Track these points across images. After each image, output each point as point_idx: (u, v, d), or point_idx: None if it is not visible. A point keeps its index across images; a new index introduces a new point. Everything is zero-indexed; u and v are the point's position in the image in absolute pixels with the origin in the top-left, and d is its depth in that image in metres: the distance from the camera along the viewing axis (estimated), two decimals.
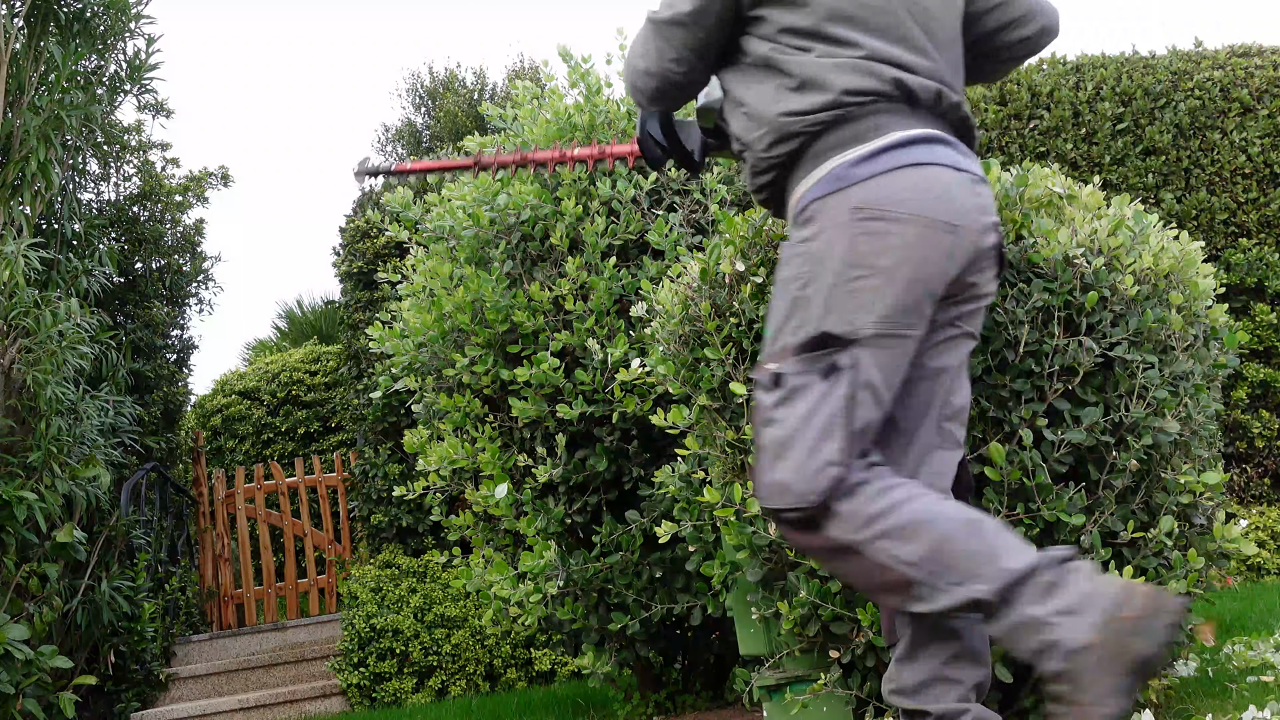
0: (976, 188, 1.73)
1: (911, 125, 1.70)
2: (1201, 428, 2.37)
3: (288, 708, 5.57)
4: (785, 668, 2.50)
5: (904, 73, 1.72)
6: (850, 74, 1.70)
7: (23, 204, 4.61)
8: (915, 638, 1.71)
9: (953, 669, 1.67)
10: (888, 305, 1.62)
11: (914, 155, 1.67)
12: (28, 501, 3.70)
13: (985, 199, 1.74)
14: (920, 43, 1.76)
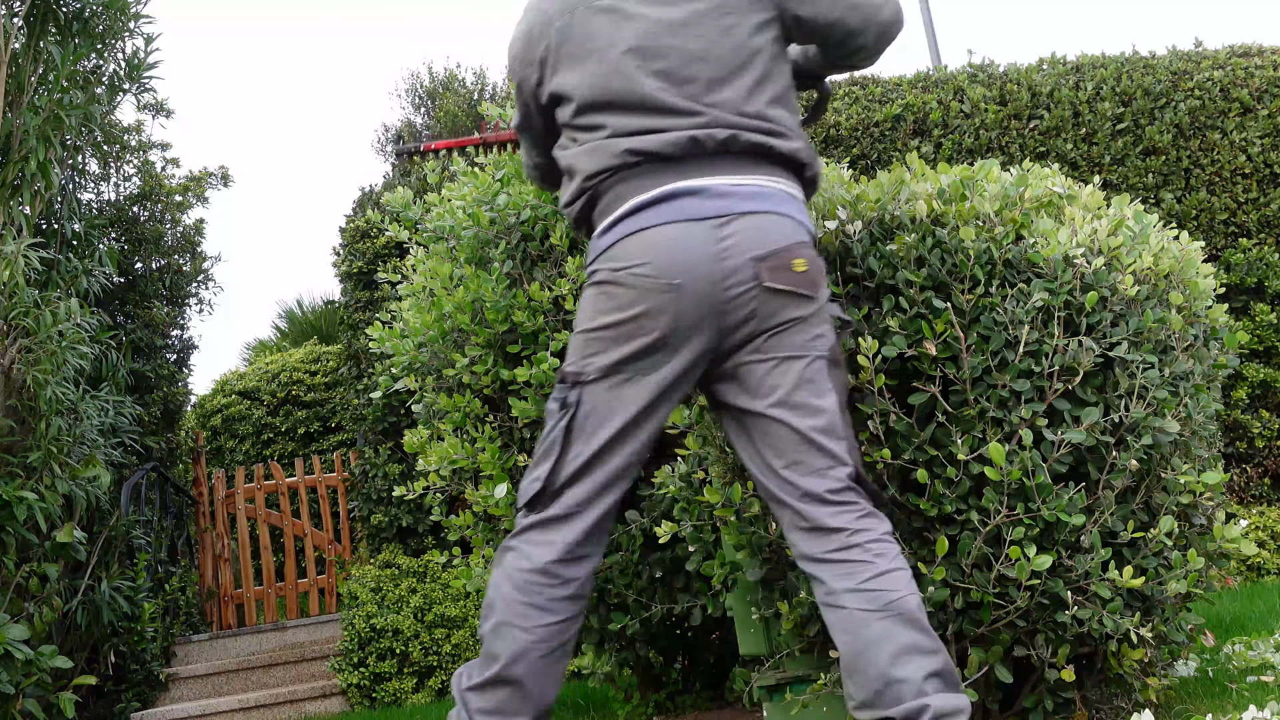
0: (720, 231, 1.80)
1: (655, 186, 1.84)
2: (1201, 428, 2.37)
3: (288, 708, 5.57)
4: (785, 668, 2.50)
5: (642, 138, 1.85)
6: (592, 156, 1.90)
7: (23, 204, 4.61)
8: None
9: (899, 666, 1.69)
10: (612, 357, 1.83)
11: (642, 220, 1.83)
12: (28, 501, 3.70)
13: (730, 240, 1.80)
14: (667, 101, 1.86)
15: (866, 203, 2.29)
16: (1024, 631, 2.20)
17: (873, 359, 2.12)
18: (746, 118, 1.88)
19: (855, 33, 1.98)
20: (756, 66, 1.92)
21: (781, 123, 1.91)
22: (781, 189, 1.88)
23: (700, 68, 1.89)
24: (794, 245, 1.82)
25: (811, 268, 1.84)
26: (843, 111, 6.09)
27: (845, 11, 1.97)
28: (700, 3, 1.92)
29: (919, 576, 2.17)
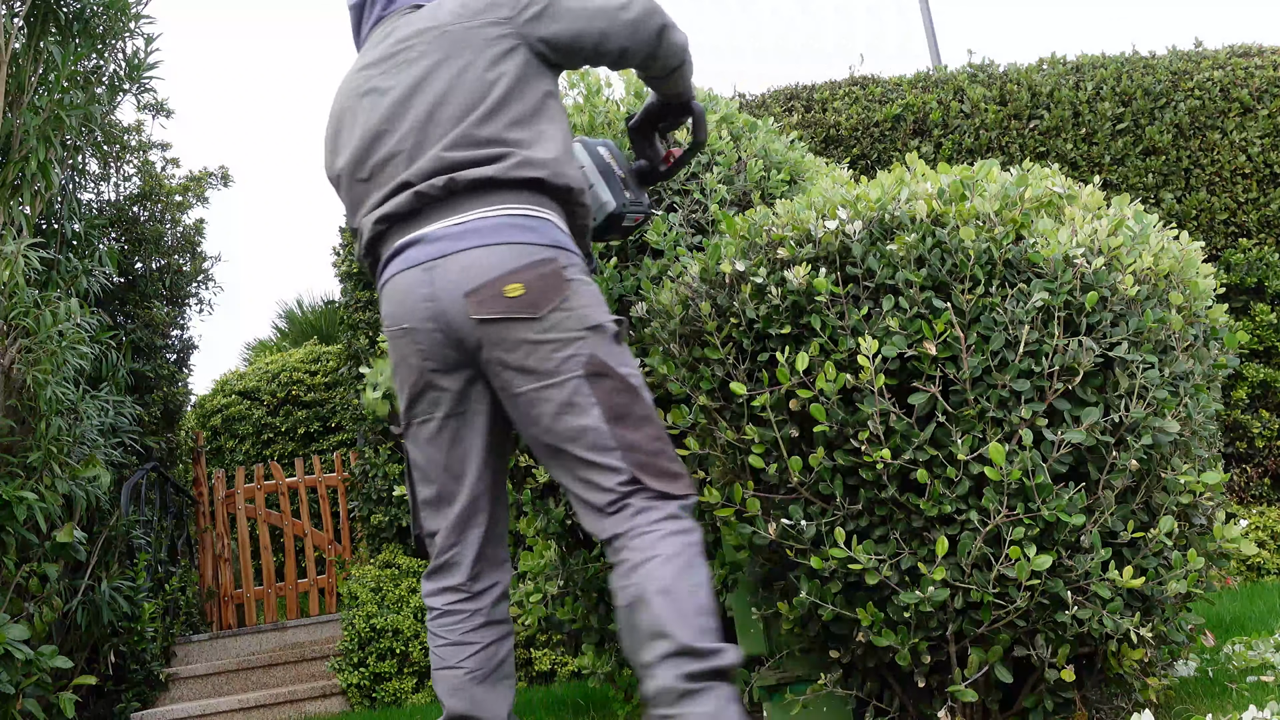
0: (428, 275, 1.92)
1: (394, 242, 2.00)
2: (1201, 428, 2.37)
3: (288, 708, 5.57)
4: (785, 668, 2.50)
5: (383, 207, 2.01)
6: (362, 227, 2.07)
7: (23, 204, 4.61)
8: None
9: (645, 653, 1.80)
10: (404, 405, 2.00)
11: (386, 274, 2.00)
12: (28, 501, 3.70)
13: (437, 282, 1.91)
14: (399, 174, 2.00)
15: (866, 203, 2.29)
16: (1024, 631, 2.20)
17: (873, 359, 2.12)
18: (475, 149, 1.96)
19: (606, 38, 2.03)
20: (494, 94, 2.00)
21: (522, 144, 1.97)
22: (505, 217, 1.93)
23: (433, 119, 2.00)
24: (506, 274, 1.88)
25: (531, 288, 1.87)
26: (843, 111, 6.09)
27: (585, 24, 2.03)
28: (434, 54, 2.03)
29: (919, 577, 2.17)
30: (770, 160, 3.35)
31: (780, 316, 2.26)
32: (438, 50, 2.05)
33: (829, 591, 2.24)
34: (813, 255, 2.28)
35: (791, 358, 2.21)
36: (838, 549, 2.16)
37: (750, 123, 3.40)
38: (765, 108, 6.18)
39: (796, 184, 3.37)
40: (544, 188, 1.99)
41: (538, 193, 1.98)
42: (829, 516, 2.23)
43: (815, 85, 6.35)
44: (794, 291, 2.24)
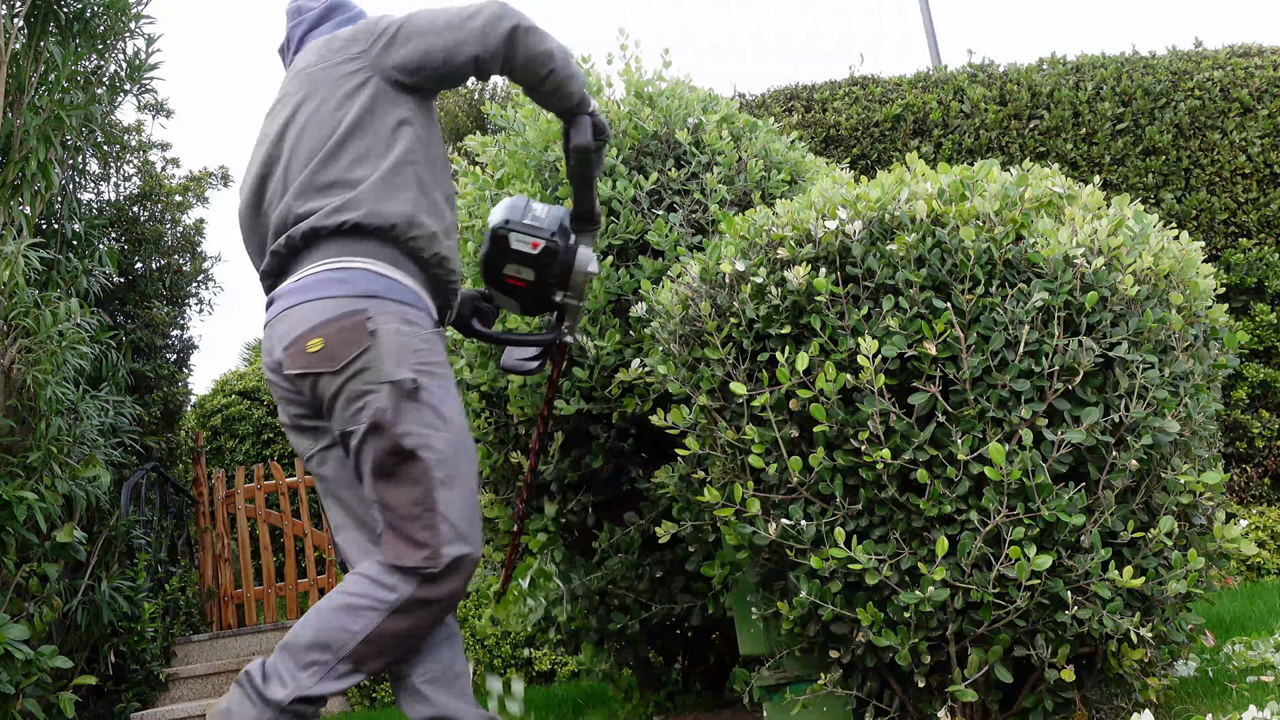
0: (269, 332, 2.03)
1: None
2: (1201, 428, 2.37)
3: None
4: (785, 668, 2.50)
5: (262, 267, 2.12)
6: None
7: (23, 204, 4.61)
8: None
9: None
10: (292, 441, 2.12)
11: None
12: (28, 501, 3.70)
13: (272, 338, 2.02)
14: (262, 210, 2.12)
15: (866, 203, 2.29)
16: (1024, 631, 2.20)
17: (873, 359, 2.12)
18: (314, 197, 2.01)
19: (457, 48, 2.02)
20: (339, 132, 2.03)
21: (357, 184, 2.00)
22: (323, 272, 1.98)
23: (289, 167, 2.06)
24: (309, 329, 1.94)
25: (330, 342, 1.91)
26: (843, 112, 6.09)
27: (433, 39, 2.03)
28: (297, 96, 2.08)
29: (919, 577, 2.17)
30: (771, 160, 3.35)
31: (780, 316, 2.26)
32: (300, 92, 2.09)
33: (829, 591, 2.24)
34: (813, 255, 2.28)
35: (791, 358, 2.21)
36: (838, 549, 2.16)
37: (751, 123, 3.41)
38: (765, 108, 6.18)
39: (797, 184, 3.37)
40: (361, 231, 1.98)
41: (355, 238, 1.99)
42: (829, 516, 2.23)
43: (815, 85, 6.35)
44: (794, 291, 2.24)
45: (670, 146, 3.29)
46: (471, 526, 1.93)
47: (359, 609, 1.86)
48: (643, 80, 3.38)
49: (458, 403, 2.00)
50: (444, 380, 1.98)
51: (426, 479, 1.88)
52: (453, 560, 1.88)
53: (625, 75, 3.40)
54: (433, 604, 1.90)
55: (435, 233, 2.03)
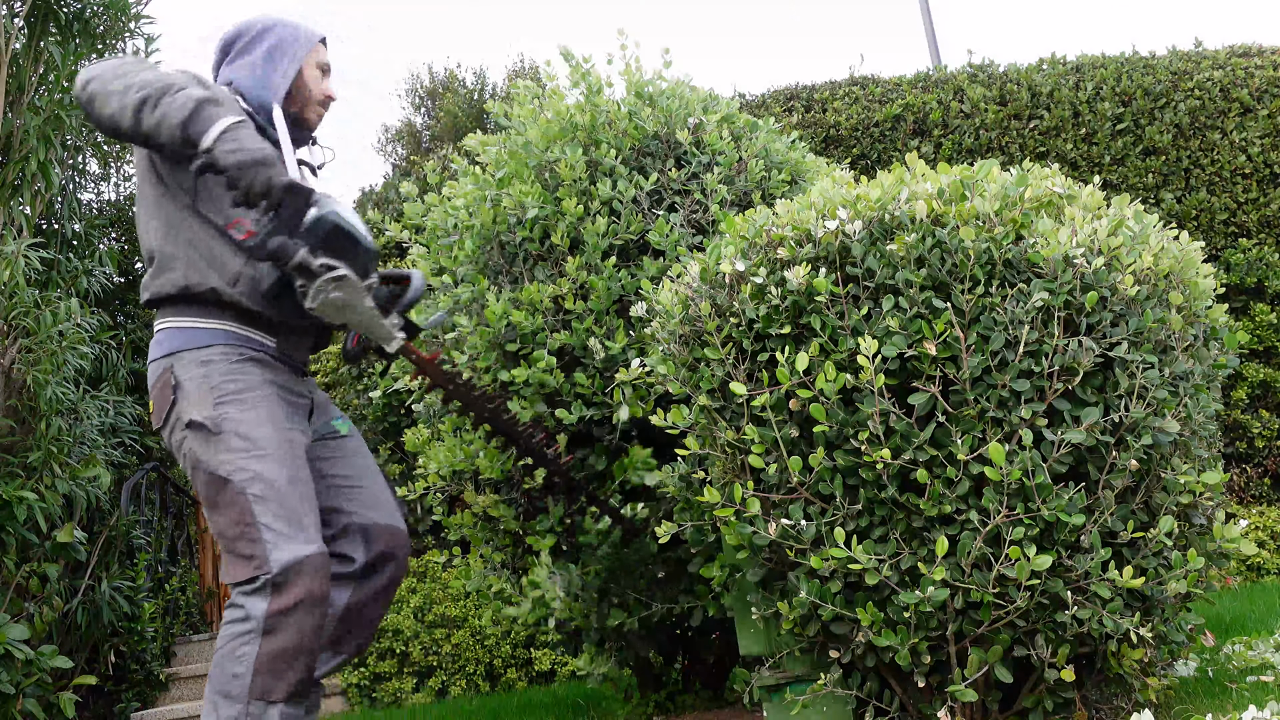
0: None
1: None
2: (1201, 428, 2.37)
3: None
4: (785, 668, 2.50)
5: None
6: None
7: (23, 204, 4.61)
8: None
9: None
10: None
11: None
12: (28, 501, 3.70)
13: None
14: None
15: (866, 203, 2.29)
16: (1024, 631, 2.20)
17: (873, 359, 2.12)
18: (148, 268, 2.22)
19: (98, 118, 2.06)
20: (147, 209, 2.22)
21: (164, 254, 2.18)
22: (156, 336, 2.22)
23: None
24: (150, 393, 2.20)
25: (154, 402, 2.17)
26: (843, 111, 6.09)
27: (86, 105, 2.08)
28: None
29: (919, 577, 2.17)
30: (771, 160, 3.35)
31: (780, 316, 2.26)
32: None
33: (829, 591, 2.24)
34: (813, 255, 2.28)
35: (791, 358, 2.21)
36: (838, 549, 2.16)
37: (751, 123, 3.41)
38: (765, 108, 6.18)
39: (797, 184, 3.37)
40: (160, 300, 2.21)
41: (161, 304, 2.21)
42: (829, 516, 2.23)
43: (815, 85, 6.35)
44: (794, 291, 2.24)
45: (671, 146, 3.29)
46: (299, 527, 2.01)
47: (233, 653, 1.98)
48: (643, 80, 3.38)
49: (267, 416, 2.11)
50: (248, 401, 2.10)
51: (242, 498, 2.01)
52: (286, 564, 1.97)
53: (625, 75, 3.40)
54: (294, 611, 1.97)
55: (215, 287, 2.14)
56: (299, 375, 2.30)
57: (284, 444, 2.10)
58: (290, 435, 2.13)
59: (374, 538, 2.27)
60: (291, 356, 2.27)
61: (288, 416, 2.17)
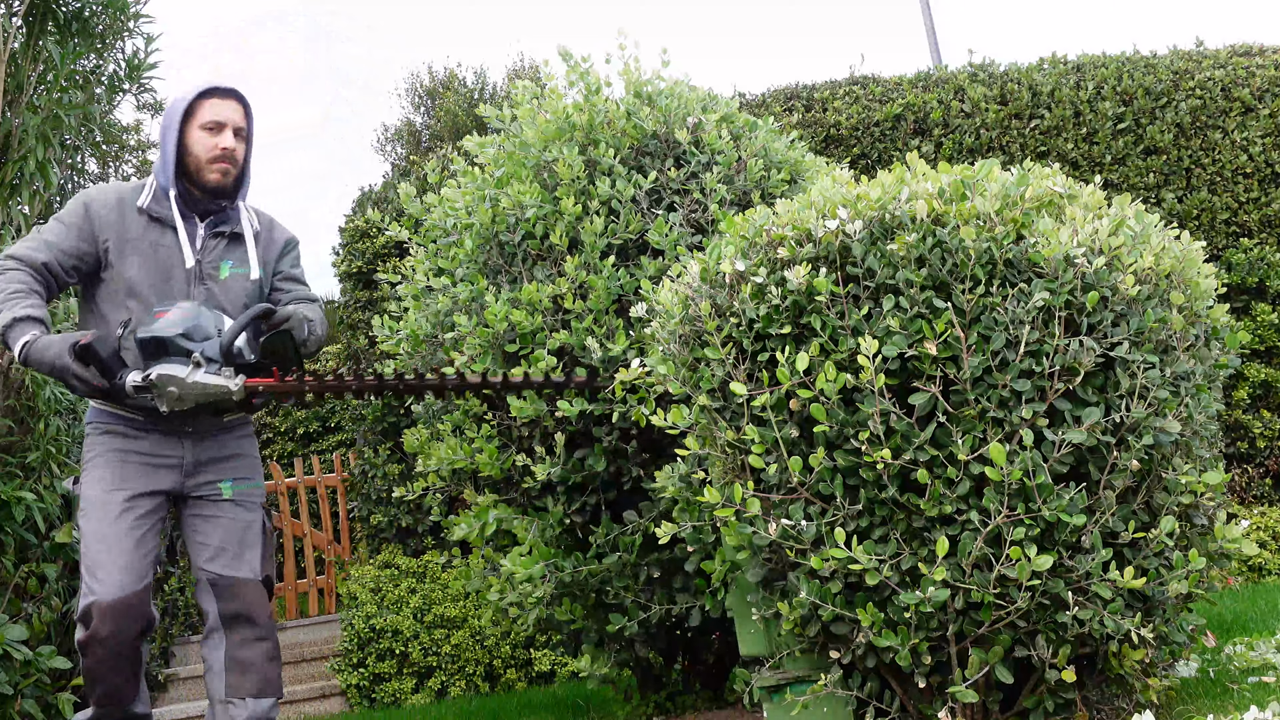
0: None
1: None
2: (1203, 428, 2.37)
3: (287, 708, 5.56)
4: (785, 668, 2.49)
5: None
6: None
7: (21, 204, 4.60)
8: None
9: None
10: None
11: None
12: (26, 502, 3.69)
13: None
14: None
15: (867, 202, 2.29)
16: (1024, 632, 2.19)
17: (873, 359, 2.12)
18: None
19: None
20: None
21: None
22: None
23: None
24: None
25: None
26: (843, 111, 6.08)
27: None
28: None
29: (919, 577, 2.17)
30: (770, 160, 3.35)
31: (780, 316, 2.26)
32: None
33: (829, 592, 2.23)
34: (813, 255, 2.27)
35: (792, 358, 2.20)
36: (838, 549, 2.15)
37: (750, 122, 3.40)
38: (765, 107, 6.18)
39: (797, 184, 3.36)
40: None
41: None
42: (829, 517, 2.23)
43: (815, 85, 6.35)
44: (794, 291, 2.23)
45: (670, 146, 3.28)
46: (95, 579, 2.41)
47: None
48: (642, 80, 3.38)
49: (97, 479, 2.49)
50: (89, 468, 2.53)
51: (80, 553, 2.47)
52: (84, 607, 2.41)
53: (624, 75, 3.39)
54: (89, 644, 2.41)
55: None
56: (177, 439, 2.56)
57: (101, 505, 2.47)
58: (112, 496, 2.47)
59: (223, 592, 2.54)
60: (171, 423, 2.53)
61: (122, 477, 2.49)
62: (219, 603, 2.54)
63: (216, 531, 2.57)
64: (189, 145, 2.55)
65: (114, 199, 2.55)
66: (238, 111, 2.60)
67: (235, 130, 2.58)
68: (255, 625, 2.53)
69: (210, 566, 2.55)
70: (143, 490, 2.50)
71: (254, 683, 2.49)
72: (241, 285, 2.61)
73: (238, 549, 2.57)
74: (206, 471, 2.58)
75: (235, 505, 2.60)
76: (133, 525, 2.47)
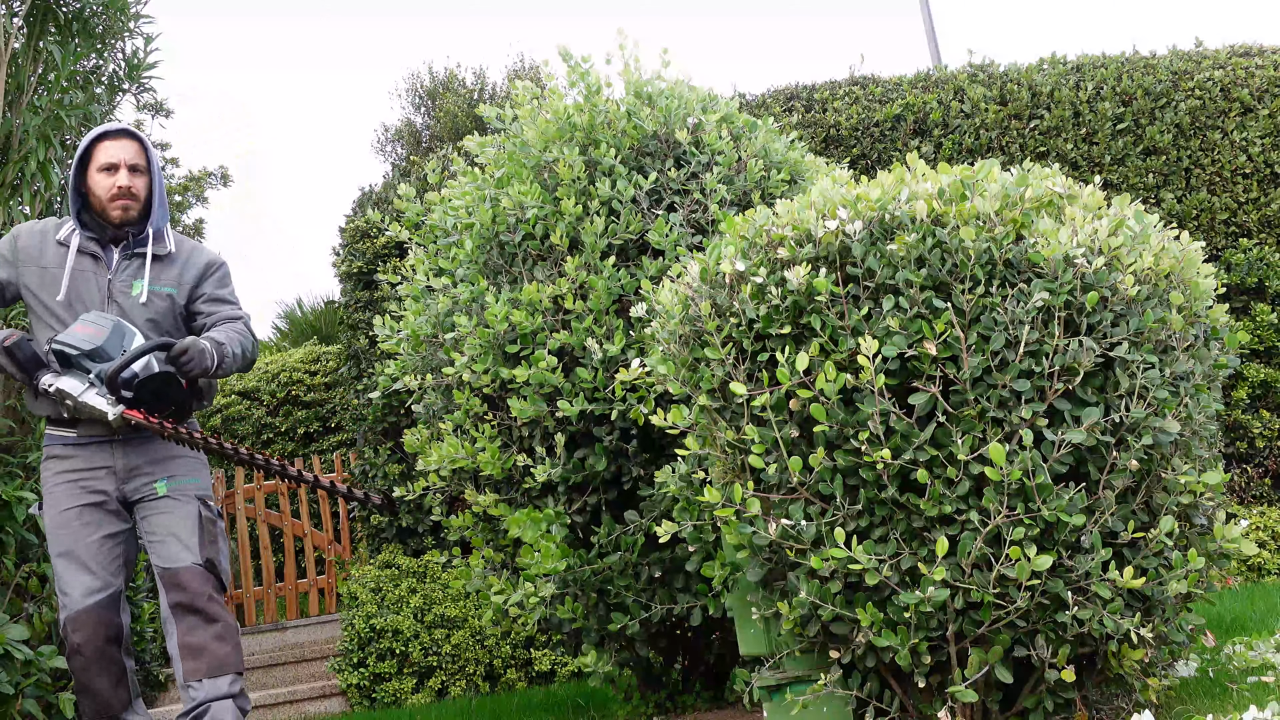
0: None
1: None
2: (1202, 428, 2.37)
3: (288, 708, 5.57)
4: (785, 668, 2.49)
5: None
6: None
7: (22, 204, 4.60)
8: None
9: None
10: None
11: None
12: (27, 501, 3.70)
13: None
14: None
15: (867, 203, 2.29)
16: (1024, 632, 2.19)
17: (873, 359, 2.12)
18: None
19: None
20: None
21: None
22: None
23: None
24: None
25: None
26: (843, 111, 6.09)
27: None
28: None
29: (919, 577, 2.17)
30: (770, 160, 3.35)
31: (780, 316, 2.26)
32: None
33: (829, 592, 2.24)
34: (813, 255, 2.27)
35: (791, 358, 2.21)
36: (838, 549, 2.15)
37: (750, 123, 3.40)
38: (765, 108, 6.18)
39: (796, 184, 3.37)
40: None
41: None
42: (829, 517, 2.23)
43: (815, 85, 6.35)
44: (794, 291, 2.23)
45: (670, 146, 3.29)
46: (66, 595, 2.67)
47: None
48: (642, 80, 3.38)
49: (53, 503, 2.72)
50: (46, 492, 2.76)
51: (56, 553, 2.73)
52: (61, 624, 2.68)
53: (624, 75, 3.40)
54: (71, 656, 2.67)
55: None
56: (108, 448, 2.74)
57: (56, 526, 2.72)
58: (64, 516, 2.71)
59: (168, 584, 2.71)
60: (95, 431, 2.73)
61: (68, 495, 2.72)
62: (166, 594, 2.69)
63: (156, 528, 2.73)
64: (91, 187, 2.79)
65: (38, 231, 2.83)
66: (130, 149, 2.80)
67: (131, 167, 2.79)
68: (198, 611, 2.66)
69: (155, 561, 2.74)
70: (86, 503, 2.71)
71: (207, 664, 2.63)
72: (156, 304, 2.80)
73: (176, 540, 2.71)
74: (140, 475, 2.75)
75: (170, 500, 2.75)
76: (88, 539, 2.69)
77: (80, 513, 2.71)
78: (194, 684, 2.62)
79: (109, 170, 2.77)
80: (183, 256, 2.87)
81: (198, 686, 2.62)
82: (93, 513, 2.71)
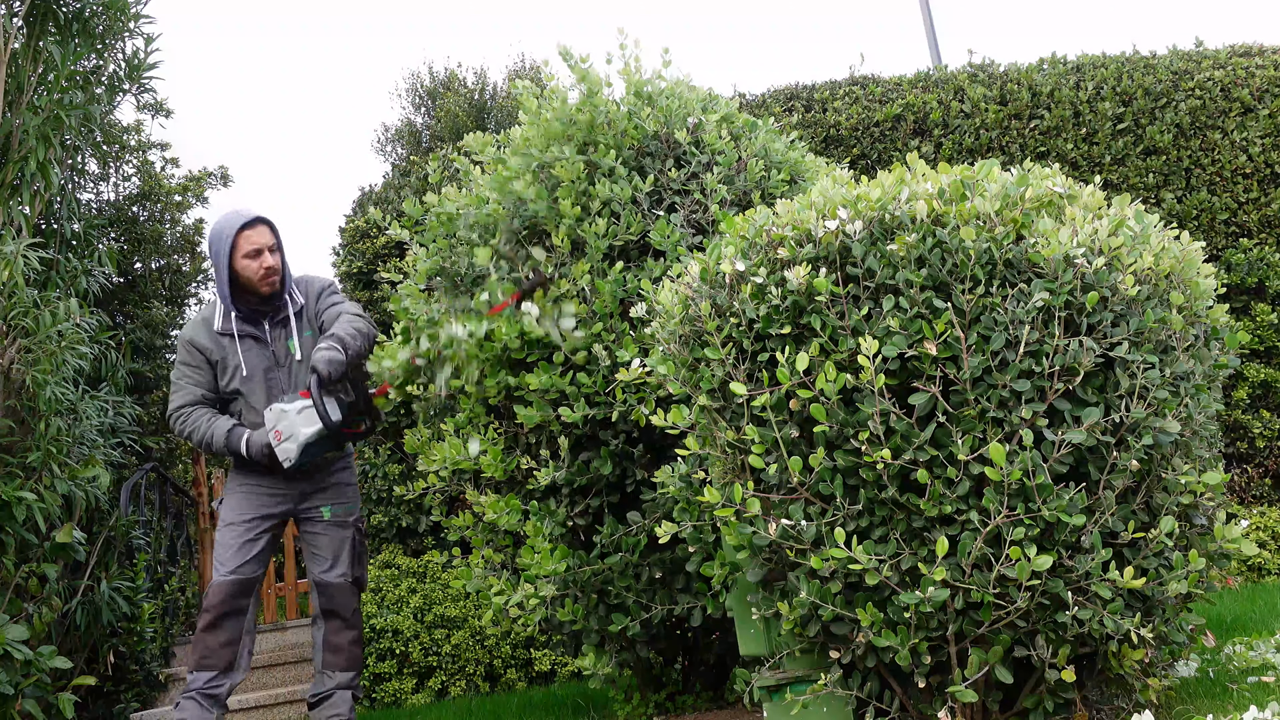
0: None
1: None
2: (1202, 428, 2.37)
3: (288, 708, 5.57)
4: (785, 668, 2.49)
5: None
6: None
7: (22, 204, 4.60)
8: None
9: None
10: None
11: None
12: (27, 502, 3.69)
13: None
14: None
15: (867, 202, 2.29)
16: (1024, 632, 2.19)
17: (873, 359, 2.12)
18: None
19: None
20: None
21: None
22: None
23: None
24: None
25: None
26: (843, 111, 6.09)
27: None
28: None
29: (919, 577, 2.17)
30: (770, 160, 3.35)
31: (780, 316, 2.26)
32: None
33: (829, 592, 2.24)
34: (813, 255, 2.27)
35: (792, 358, 2.21)
36: (838, 549, 2.15)
37: (750, 123, 3.40)
38: (765, 107, 6.18)
39: (797, 184, 3.36)
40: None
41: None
42: (829, 517, 2.23)
43: (815, 85, 6.35)
44: (794, 291, 2.23)
45: (670, 146, 3.28)
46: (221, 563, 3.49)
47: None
48: (642, 80, 3.38)
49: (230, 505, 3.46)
50: (228, 494, 3.49)
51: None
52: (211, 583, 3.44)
53: (625, 75, 3.39)
54: (204, 611, 3.42)
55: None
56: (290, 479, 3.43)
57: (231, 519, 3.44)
58: (240, 516, 3.42)
59: (322, 592, 3.45)
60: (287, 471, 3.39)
61: (249, 504, 3.42)
62: (319, 599, 3.44)
63: (319, 546, 3.44)
64: (239, 271, 3.34)
65: (202, 330, 3.41)
66: (266, 235, 3.35)
67: (270, 249, 3.35)
68: (343, 618, 3.41)
69: (314, 572, 3.45)
70: (257, 514, 3.42)
71: (343, 661, 3.39)
72: (305, 347, 3.41)
73: (333, 559, 3.43)
74: (312, 499, 3.45)
75: (331, 525, 3.46)
76: (245, 536, 3.41)
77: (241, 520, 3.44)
78: (330, 673, 3.38)
79: (253, 255, 3.32)
80: (307, 298, 3.46)
81: (332, 676, 3.38)
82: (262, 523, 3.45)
